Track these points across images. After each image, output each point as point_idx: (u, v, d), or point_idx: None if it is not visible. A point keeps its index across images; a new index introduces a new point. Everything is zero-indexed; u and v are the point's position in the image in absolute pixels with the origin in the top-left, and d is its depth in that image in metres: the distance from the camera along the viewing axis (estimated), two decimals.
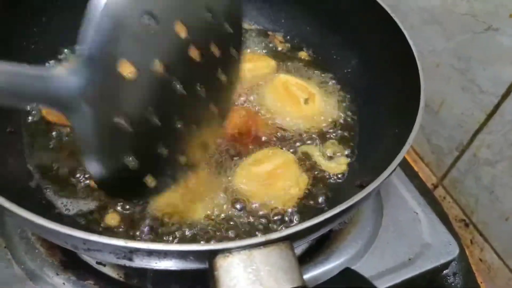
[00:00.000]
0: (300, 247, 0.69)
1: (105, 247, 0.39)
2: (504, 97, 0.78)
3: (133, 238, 0.55)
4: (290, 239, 0.42)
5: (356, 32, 0.78)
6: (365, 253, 0.68)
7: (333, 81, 0.81)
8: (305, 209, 0.63)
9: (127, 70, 0.38)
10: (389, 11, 0.68)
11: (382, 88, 0.71)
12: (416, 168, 1.02)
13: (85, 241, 0.39)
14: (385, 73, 0.70)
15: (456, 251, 0.71)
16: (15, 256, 0.62)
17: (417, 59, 0.61)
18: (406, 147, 0.52)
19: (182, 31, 0.42)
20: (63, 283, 0.59)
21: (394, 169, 0.51)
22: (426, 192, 0.93)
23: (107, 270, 0.61)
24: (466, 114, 0.87)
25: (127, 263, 0.42)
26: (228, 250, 0.41)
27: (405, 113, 0.60)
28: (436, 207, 0.91)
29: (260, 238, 0.41)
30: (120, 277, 0.62)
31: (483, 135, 0.85)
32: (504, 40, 0.75)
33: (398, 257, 0.69)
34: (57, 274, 0.60)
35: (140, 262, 0.42)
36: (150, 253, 0.39)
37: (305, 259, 0.67)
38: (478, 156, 0.87)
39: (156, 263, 0.42)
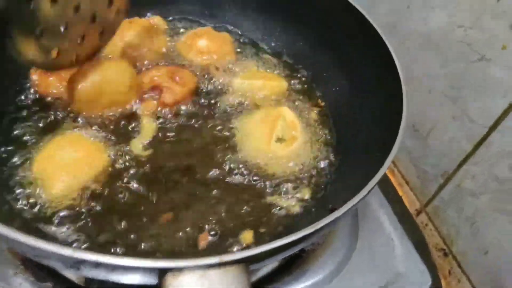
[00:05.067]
0: (269, 267, 0.67)
1: (52, 255, 0.38)
2: (491, 129, 0.77)
3: None
4: (245, 262, 0.41)
5: (347, 52, 0.77)
6: (335, 276, 0.67)
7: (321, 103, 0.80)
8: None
9: None
10: (381, 33, 0.67)
11: (366, 111, 0.70)
12: (401, 192, 1.01)
13: (33, 248, 0.38)
14: (371, 96, 0.69)
15: (428, 283, 0.69)
16: None
17: (403, 84, 0.60)
18: (380, 174, 0.51)
19: None
20: (20, 284, 0.58)
21: (366, 195, 0.49)
22: (407, 217, 0.92)
23: (68, 274, 0.60)
24: (454, 142, 0.86)
25: (75, 272, 0.41)
26: (179, 269, 0.39)
27: (386, 138, 0.58)
28: (416, 234, 0.90)
29: (213, 259, 0.40)
30: (81, 281, 0.60)
31: (468, 165, 0.84)
32: (495, 72, 0.74)
33: (369, 284, 0.68)
34: (16, 274, 0.58)
35: (88, 273, 0.40)
36: (98, 265, 0.38)
37: (273, 278, 0.65)
38: (462, 186, 0.86)
39: (104, 275, 0.40)
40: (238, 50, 0.86)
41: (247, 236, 0.61)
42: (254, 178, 0.67)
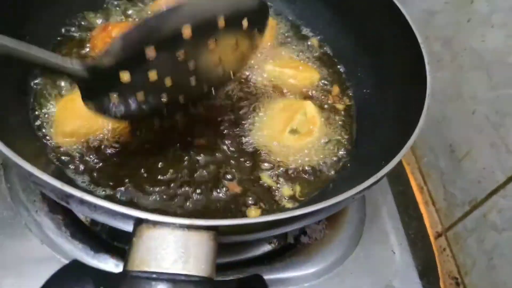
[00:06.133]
0: (262, 249, 0.69)
1: (46, 184, 0.43)
2: None
3: None
4: (214, 231, 0.43)
5: (386, 59, 0.75)
6: (323, 275, 0.67)
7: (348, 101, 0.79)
8: None
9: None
10: (422, 46, 0.65)
11: (389, 120, 0.68)
12: (425, 211, 0.97)
13: (30, 174, 0.43)
14: (397, 106, 0.68)
15: None
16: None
17: (426, 104, 0.58)
18: (366, 184, 0.50)
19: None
20: (36, 211, 0.64)
21: (355, 194, 0.49)
22: (422, 238, 0.89)
23: (78, 212, 0.66)
24: (487, 170, 0.81)
25: (65, 204, 0.45)
26: (152, 222, 0.42)
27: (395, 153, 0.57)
28: (427, 256, 0.86)
29: (184, 220, 0.42)
30: (87, 220, 0.66)
31: (497, 197, 0.79)
32: None
33: None
34: (34, 201, 0.65)
35: (75, 207, 0.45)
36: (82, 202, 0.42)
37: (262, 261, 0.67)
38: (488, 218, 0.81)
39: (88, 213, 0.44)
40: (280, 35, 0.87)
41: (254, 213, 0.64)
42: (261, 159, 0.69)
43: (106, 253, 0.62)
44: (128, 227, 0.44)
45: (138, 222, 0.43)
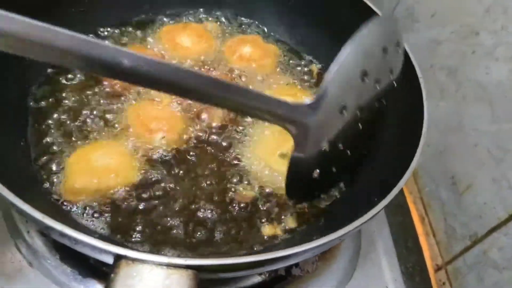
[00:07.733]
0: (251, 280, 0.68)
1: (27, 216, 0.43)
2: None
3: None
4: (196, 270, 0.43)
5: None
6: None
7: None
8: None
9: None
10: (420, 76, 0.64)
11: (384, 153, 0.67)
12: (426, 243, 0.95)
13: (12, 205, 0.43)
14: (394, 143, 0.67)
15: None
16: None
17: (421, 144, 0.57)
18: (358, 222, 0.49)
19: None
20: (28, 232, 0.64)
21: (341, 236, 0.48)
22: (422, 272, 0.87)
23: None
24: (488, 206, 0.79)
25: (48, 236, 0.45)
26: (132, 259, 0.42)
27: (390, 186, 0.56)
28: None
29: (162, 258, 0.42)
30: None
31: (498, 234, 0.77)
32: None
33: None
34: (27, 221, 0.65)
35: (58, 239, 0.45)
36: (63, 235, 0.42)
37: None
38: (488, 254, 0.79)
39: (70, 244, 0.44)
40: (281, 62, 0.87)
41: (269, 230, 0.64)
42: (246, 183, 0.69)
43: (94, 278, 0.62)
44: (111, 260, 0.44)
45: (118, 257, 0.42)
